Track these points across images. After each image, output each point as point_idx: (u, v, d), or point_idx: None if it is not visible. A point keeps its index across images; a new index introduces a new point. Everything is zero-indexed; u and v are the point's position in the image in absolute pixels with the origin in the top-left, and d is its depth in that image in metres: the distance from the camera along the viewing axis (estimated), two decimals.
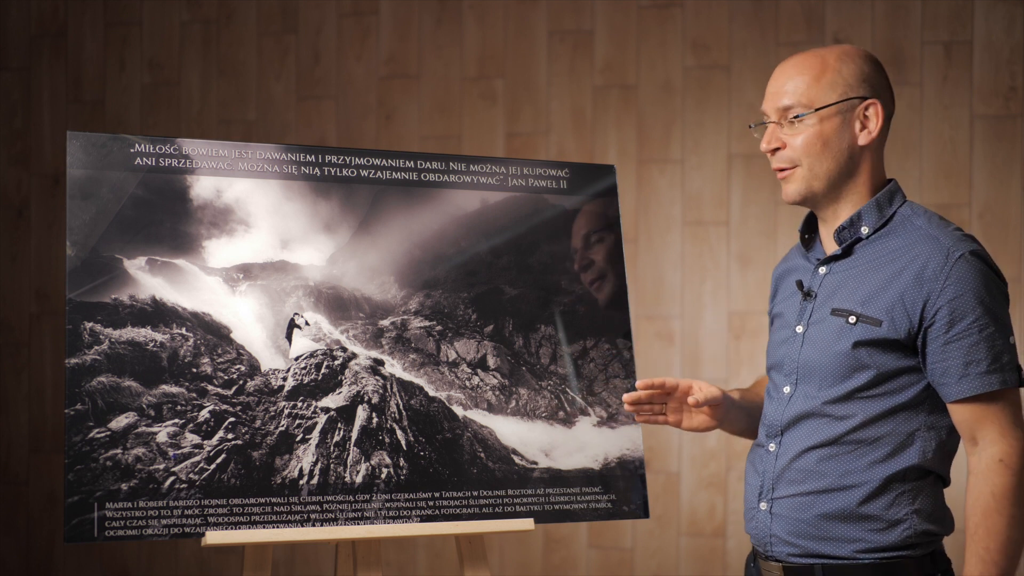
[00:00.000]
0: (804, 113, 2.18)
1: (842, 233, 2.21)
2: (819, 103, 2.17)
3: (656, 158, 4.12)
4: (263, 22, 4.39)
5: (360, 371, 2.36)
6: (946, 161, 3.92)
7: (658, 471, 4.05)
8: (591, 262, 2.57)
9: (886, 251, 2.17)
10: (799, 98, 2.18)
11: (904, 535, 2.13)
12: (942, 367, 2.10)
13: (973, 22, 3.92)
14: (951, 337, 2.09)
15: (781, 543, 2.21)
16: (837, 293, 2.20)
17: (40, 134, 4.49)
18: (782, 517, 2.21)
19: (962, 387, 2.09)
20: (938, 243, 2.12)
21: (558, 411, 2.46)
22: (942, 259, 2.10)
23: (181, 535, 2.15)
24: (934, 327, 2.10)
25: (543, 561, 4.15)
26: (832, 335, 2.17)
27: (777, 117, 2.22)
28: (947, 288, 2.09)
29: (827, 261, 2.24)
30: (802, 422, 2.20)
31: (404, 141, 4.28)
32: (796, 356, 2.22)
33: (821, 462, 2.17)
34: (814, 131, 2.18)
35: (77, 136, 2.25)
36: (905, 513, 2.14)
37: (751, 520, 2.27)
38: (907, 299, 2.11)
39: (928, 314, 2.10)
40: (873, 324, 2.13)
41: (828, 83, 2.18)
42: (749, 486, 2.29)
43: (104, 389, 2.17)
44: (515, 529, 2.36)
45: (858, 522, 2.14)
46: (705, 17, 4.10)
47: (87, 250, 2.22)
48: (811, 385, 2.20)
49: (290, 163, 2.40)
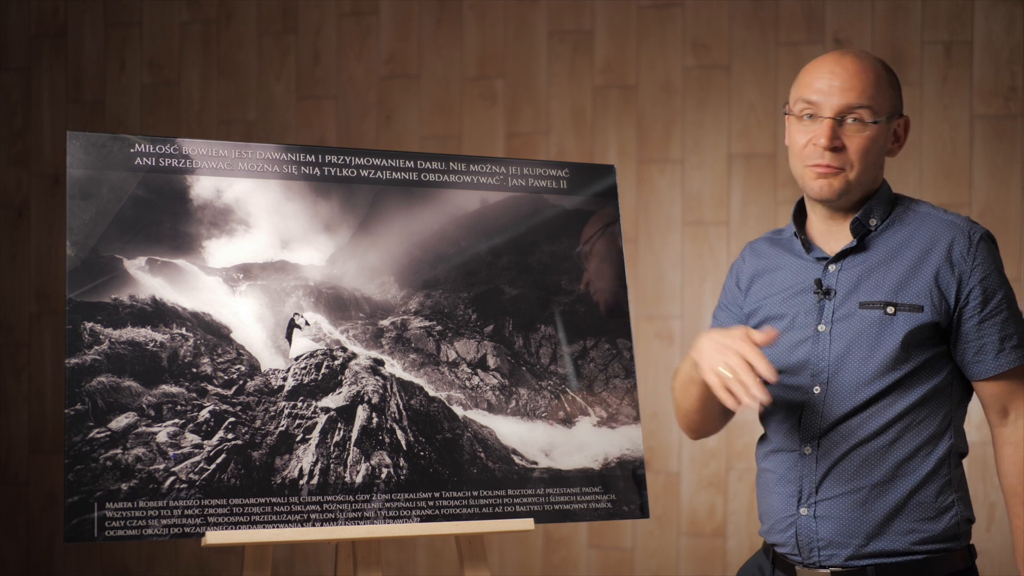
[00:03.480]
0: (875, 120, 2.17)
1: (857, 225, 2.22)
2: (887, 110, 2.18)
3: (656, 158, 4.12)
4: (263, 22, 4.39)
5: (360, 371, 2.36)
6: (946, 161, 3.92)
7: (658, 471, 4.05)
8: (591, 262, 2.57)
9: (900, 239, 2.21)
10: (868, 101, 2.16)
11: (952, 522, 2.17)
12: (977, 345, 2.16)
13: (973, 22, 3.91)
14: (986, 315, 2.16)
15: (832, 546, 2.18)
16: (860, 287, 2.20)
17: (40, 134, 4.49)
18: (831, 519, 2.19)
19: (1000, 362, 2.16)
20: (958, 226, 2.19)
21: (558, 411, 2.46)
22: (966, 241, 2.17)
23: (181, 535, 2.15)
24: (968, 306, 2.16)
25: (543, 561, 4.15)
26: (871, 328, 2.17)
27: (836, 111, 2.17)
28: (976, 268, 2.16)
29: (837, 258, 2.24)
30: (844, 421, 2.19)
31: (404, 141, 4.28)
32: (826, 355, 2.20)
33: (871, 456, 2.17)
34: (871, 138, 2.18)
35: (77, 136, 2.25)
36: (952, 500, 2.18)
37: (787, 530, 2.23)
38: (941, 281, 2.16)
39: (963, 294, 2.16)
40: (915, 311, 2.16)
41: (890, 94, 2.20)
42: (778, 495, 2.25)
43: (104, 389, 2.17)
44: (515, 529, 2.36)
45: (912, 511, 2.16)
46: (705, 17, 4.09)
47: (87, 250, 2.22)
48: (846, 383, 2.18)
49: (290, 163, 2.40)
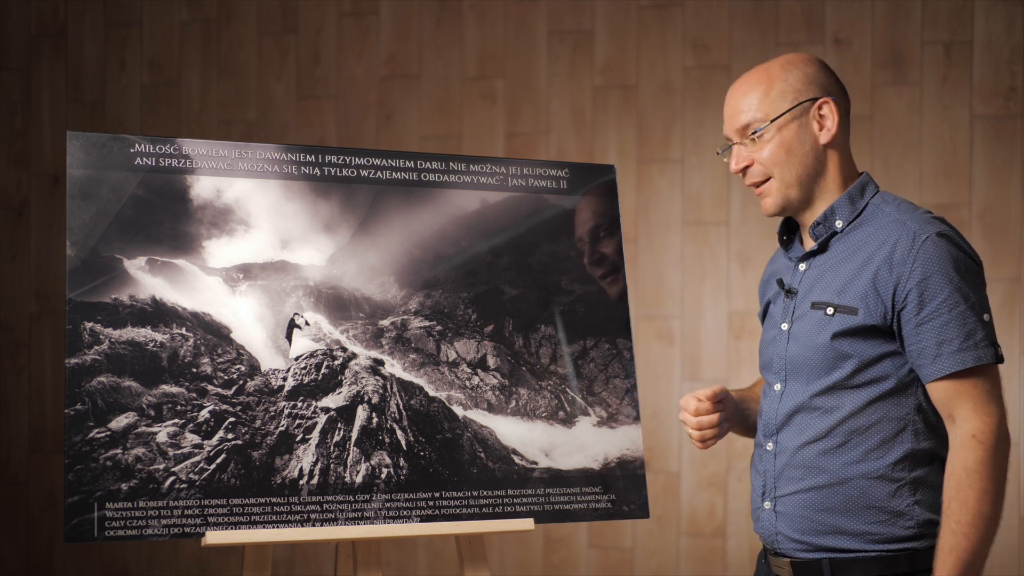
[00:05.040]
0: (762, 127, 2.23)
1: (816, 228, 2.25)
2: (773, 114, 2.23)
3: (656, 158, 4.12)
4: (263, 22, 4.39)
5: (360, 371, 2.36)
6: (946, 161, 3.92)
7: (658, 471, 4.05)
8: (591, 262, 2.57)
9: (857, 241, 2.22)
10: (754, 113, 2.24)
11: (907, 526, 2.15)
12: (917, 348, 2.13)
13: (973, 22, 3.91)
14: (923, 318, 2.12)
15: (788, 540, 2.23)
16: (815, 287, 2.24)
17: (40, 134, 4.49)
18: (786, 515, 2.23)
19: (936, 367, 2.12)
20: (905, 227, 2.16)
21: (558, 411, 2.46)
22: (909, 242, 2.14)
23: (181, 535, 2.15)
24: (906, 309, 2.13)
25: (543, 561, 4.15)
26: (813, 329, 2.21)
27: (739, 138, 2.27)
28: (915, 270, 2.12)
29: (805, 258, 2.28)
30: (794, 418, 2.23)
31: (404, 141, 4.28)
32: (783, 353, 2.26)
33: (818, 457, 2.19)
34: (776, 142, 2.23)
35: (77, 136, 2.25)
36: (908, 504, 2.16)
37: (757, 520, 2.30)
38: (879, 284, 2.15)
39: (899, 297, 2.13)
40: (849, 313, 2.16)
41: (778, 93, 2.24)
42: (753, 487, 2.32)
43: (104, 389, 2.17)
44: (515, 529, 2.36)
45: (861, 513, 2.16)
46: (705, 17, 4.09)
47: (87, 250, 2.22)
48: (799, 381, 2.23)
49: (290, 163, 2.40)
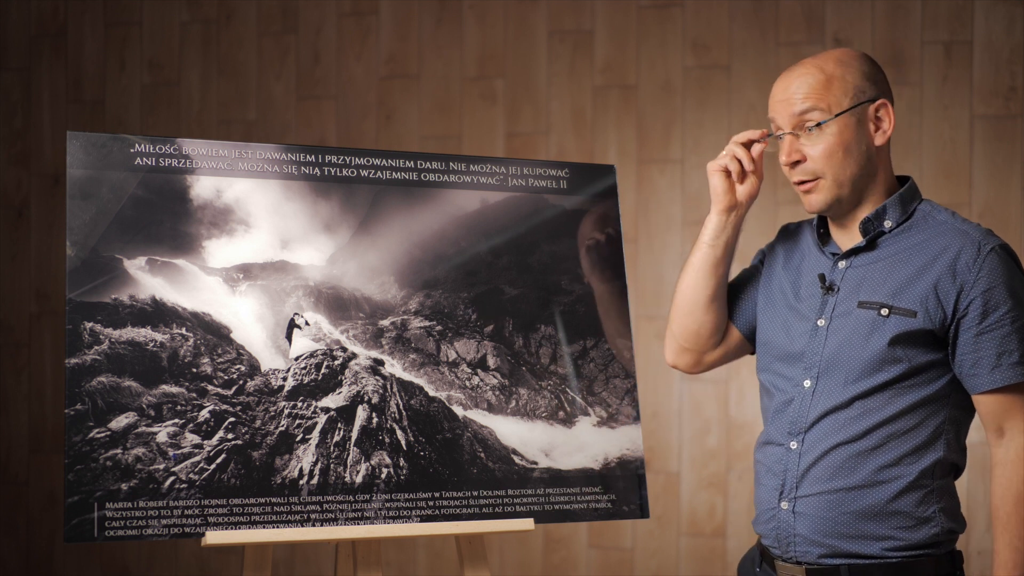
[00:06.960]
0: (825, 120, 2.16)
1: (867, 224, 2.21)
2: (836, 108, 2.15)
3: (656, 158, 4.12)
4: (263, 22, 4.39)
5: (360, 371, 2.36)
6: (946, 161, 3.92)
7: (658, 471, 4.05)
8: (591, 262, 2.57)
9: (911, 244, 2.19)
10: (816, 103, 2.16)
11: (932, 533, 2.14)
12: (973, 358, 2.12)
13: (973, 22, 3.91)
14: (984, 328, 2.12)
15: (806, 543, 2.19)
16: (863, 286, 2.20)
17: (40, 134, 4.49)
18: (807, 516, 2.19)
19: (994, 377, 2.12)
20: (969, 236, 2.15)
21: (558, 411, 2.46)
22: (974, 251, 2.13)
23: (181, 535, 2.15)
24: (967, 318, 2.12)
25: (543, 561, 4.15)
26: (864, 328, 2.17)
27: (791, 125, 2.19)
28: (980, 280, 2.12)
29: (848, 255, 2.24)
30: (828, 417, 2.19)
31: (404, 141, 4.28)
32: (820, 350, 2.21)
33: (852, 458, 2.16)
34: (835, 139, 2.16)
35: (77, 136, 2.25)
36: (933, 511, 2.15)
37: (768, 521, 2.25)
38: (941, 290, 2.13)
39: (962, 305, 2.12)
40: (908, 316, 2.14)
41: (839, 90, 2.16)
42: (765, 487, 2.27)
43: (104, 389, 2.17)
44: (515, 529, 2.36)
45: (889, 519, 2.14)
46: (705, 17, 4.09)
47: (87, 250, 2.22)
48: (835, 380, 2.18)
49: (290, 163, 2.39)
